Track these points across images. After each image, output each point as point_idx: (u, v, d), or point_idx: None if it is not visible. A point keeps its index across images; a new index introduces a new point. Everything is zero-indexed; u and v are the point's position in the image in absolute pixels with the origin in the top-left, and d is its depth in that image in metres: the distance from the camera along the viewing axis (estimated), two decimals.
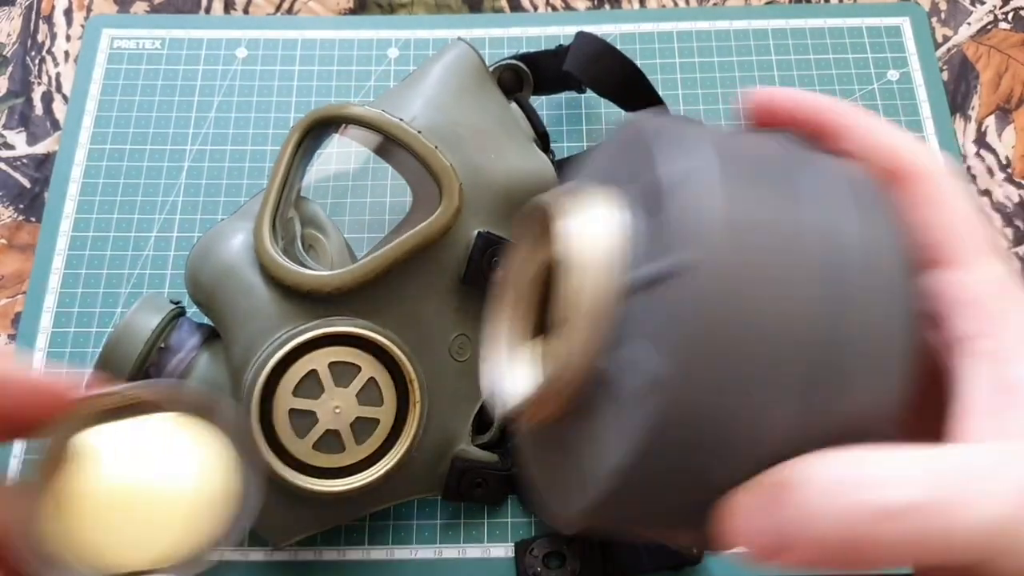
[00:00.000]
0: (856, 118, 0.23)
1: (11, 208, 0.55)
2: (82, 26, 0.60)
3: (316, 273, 0.41)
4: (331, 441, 0.40)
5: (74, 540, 0.23)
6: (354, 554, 0.46)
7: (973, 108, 0.57)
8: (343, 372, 0.40)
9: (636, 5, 0.61)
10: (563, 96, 0.56)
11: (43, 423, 0.23)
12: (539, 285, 0.24)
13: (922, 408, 0.21)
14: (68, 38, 0.60)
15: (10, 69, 0.59)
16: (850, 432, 0.19)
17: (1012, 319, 0.21)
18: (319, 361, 0.40)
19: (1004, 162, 0.56)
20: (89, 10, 0.61)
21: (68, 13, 0.61)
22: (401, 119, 0.43)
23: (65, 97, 0.58)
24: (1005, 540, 0.18)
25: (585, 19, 0.60)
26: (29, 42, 0.60)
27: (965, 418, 0.20)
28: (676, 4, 0.61)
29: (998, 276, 0.22)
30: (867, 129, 0.23)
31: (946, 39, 0.59)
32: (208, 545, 0.23)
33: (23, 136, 0.57)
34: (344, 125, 0.45)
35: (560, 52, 0.53)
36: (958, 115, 0.57)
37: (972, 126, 0.57)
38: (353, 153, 0.54)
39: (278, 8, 0.61)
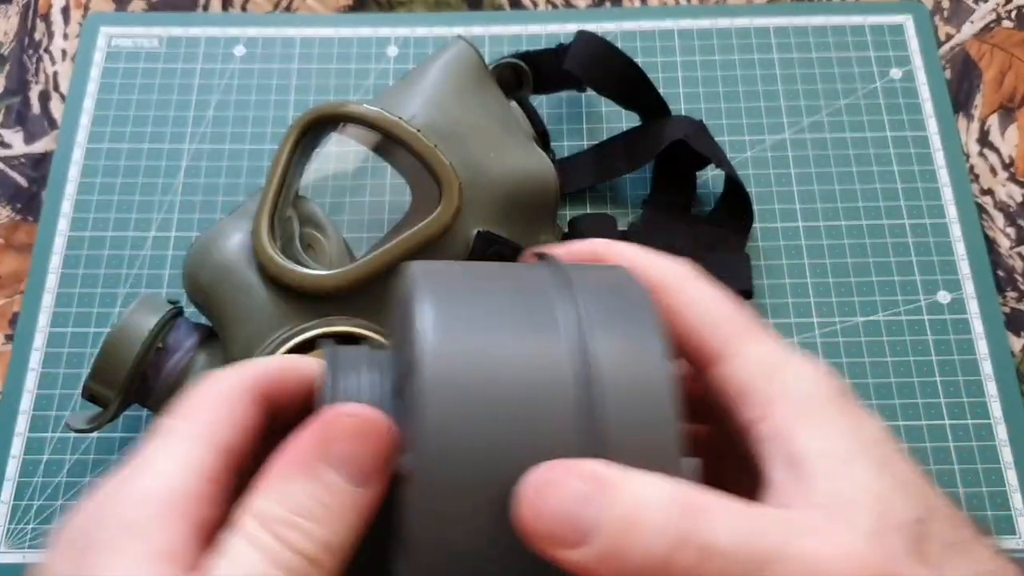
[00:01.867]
0: (610, 252, 0.25)
1: (8, 208, 0.55)
2: (79, 24, 0.60)
3: (315, 272, 0.41)
4: None
5: None
6: None
7: (976, 107, 0.57)
8: None
9: (637, 3, 0.60)
10: (563, 95, 0.56)
11: None
12: None
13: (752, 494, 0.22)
14: (65, 36, 0.60)
15: (7, 67, 0.59)
16: None
17: (778, 399, 0.22)
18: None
19: (1007, 161, 0.55)
20: (86, 8, 0.60)
21: (65, 11, 0.60)
22: (400, 117, 0.42)
23: (62, 96, 0.58)
24: None
25: (585, 17, 0.59)
26: (26, 40, 0.60)
27: (769, 498, 0.21)
28: (677, 2, 0.60)
29: (759, 357, 0.23)
30: (623, 258, 0.25)
31: (949, 37, 0.59)
32: None
33: (20, 135, 0.57)
34: (343, 123, 0.44)
35: (560, 50, 0.52)
36: (961, 114, 0.57)
37: (975, 125, 0.56)
38: (352, 152, 0.54)
39: (276, 5, 0.61)
